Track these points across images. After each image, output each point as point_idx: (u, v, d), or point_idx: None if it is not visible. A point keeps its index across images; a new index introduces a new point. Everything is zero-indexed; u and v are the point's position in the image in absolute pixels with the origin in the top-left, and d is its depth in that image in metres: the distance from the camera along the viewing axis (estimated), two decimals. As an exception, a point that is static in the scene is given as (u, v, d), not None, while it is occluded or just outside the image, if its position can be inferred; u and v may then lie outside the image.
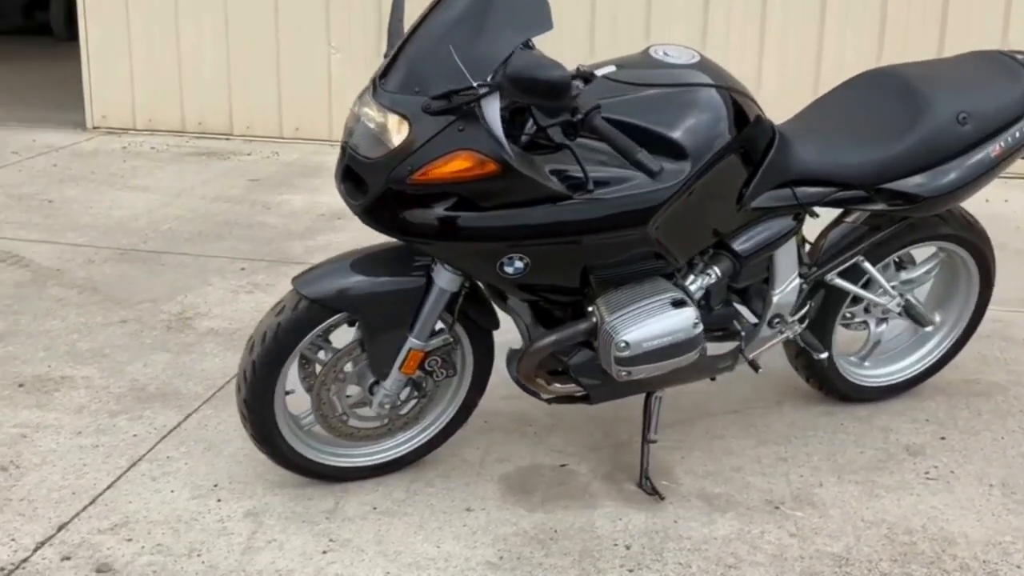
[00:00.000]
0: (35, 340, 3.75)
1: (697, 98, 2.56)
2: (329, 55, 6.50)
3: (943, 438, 3.14)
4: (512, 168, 2.29)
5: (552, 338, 2.65)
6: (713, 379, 3.03)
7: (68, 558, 2.53)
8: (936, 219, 3.06)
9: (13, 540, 2.60)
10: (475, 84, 2.21)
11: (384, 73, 2.44)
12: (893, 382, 3.33)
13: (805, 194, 2.80)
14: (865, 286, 3.12)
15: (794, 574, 2.52)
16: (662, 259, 2.63)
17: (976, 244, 3.16)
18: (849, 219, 3.00)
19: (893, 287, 3.15)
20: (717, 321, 2.86)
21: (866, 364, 3.32)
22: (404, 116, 2.34)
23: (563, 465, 2.97)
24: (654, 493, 2.80)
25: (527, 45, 2.45)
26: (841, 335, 3.28)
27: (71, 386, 3.41)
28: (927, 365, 3.35)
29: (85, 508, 2.73)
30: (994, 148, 2.89)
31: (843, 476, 2.93)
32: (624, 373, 2.59)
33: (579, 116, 2.29)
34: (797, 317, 2.96)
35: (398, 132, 2.34)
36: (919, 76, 2.94)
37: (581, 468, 2.96)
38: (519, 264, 2.48)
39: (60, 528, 2.65)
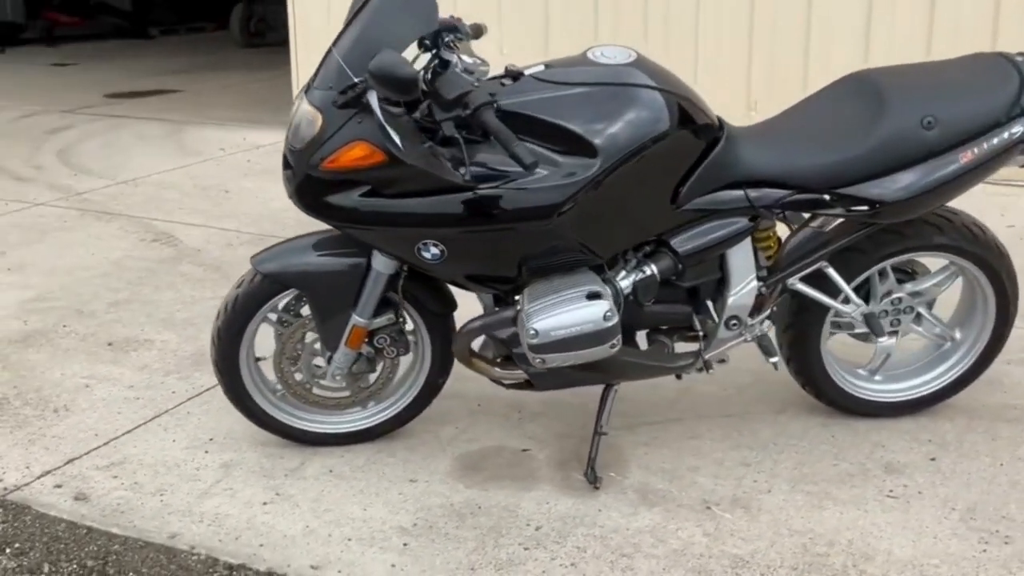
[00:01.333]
0: (144, 307, 4.24)
1: (613, 97, 2.61)
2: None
3: (934, 459, 2.99)
4: (398, 158, 2.46)
5: (478, 323, 2.78)
6: (679, 377, 3.04)
7: (60, 486, 2.93)
8: (929, 228, 2.93)
9: (27, 468, 3.02)
10: (356, 80, 2.41)
11: (315, 73, 2.67)
12: (903, 399, 3.19)
13: (758, 196, 2.78)
14: (865, 296, 3.05)
15: (683, 570, 2.52)
16: (590, 252, 2.70)
17: (984, 258, 2.99)
18: (814, 224, 2.92)
19: (899, 299, 3.04)
20: (662, 318, 2.88)
21: (876, 378, 3.20)
22: (319, 110, 2.56)
23: (525, 450, 3.08)
24: (594, 482, 2.86)
25: (450, 46, 2.61)
26: (842, 345, 3.21)
27: (148, 348, 3.85)
28: (941, 385, 3.19)
29: (97, 448, 3.13)
30: (964, 155, 2.74)
31: (798, 486, 2.87)
32: (539, 360, 2.69)
33: (468, 111, 2.43)
34: (759, 320, 2.92)
35: (314, 124, 2.56)
36: (895, 79, 2.84)
37: (541, 454, 3.05)
38: (435, 250, 2.64)
39: (68, 462, 3.05)
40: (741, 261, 2.84)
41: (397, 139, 2.43)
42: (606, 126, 2.57)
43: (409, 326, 2.97)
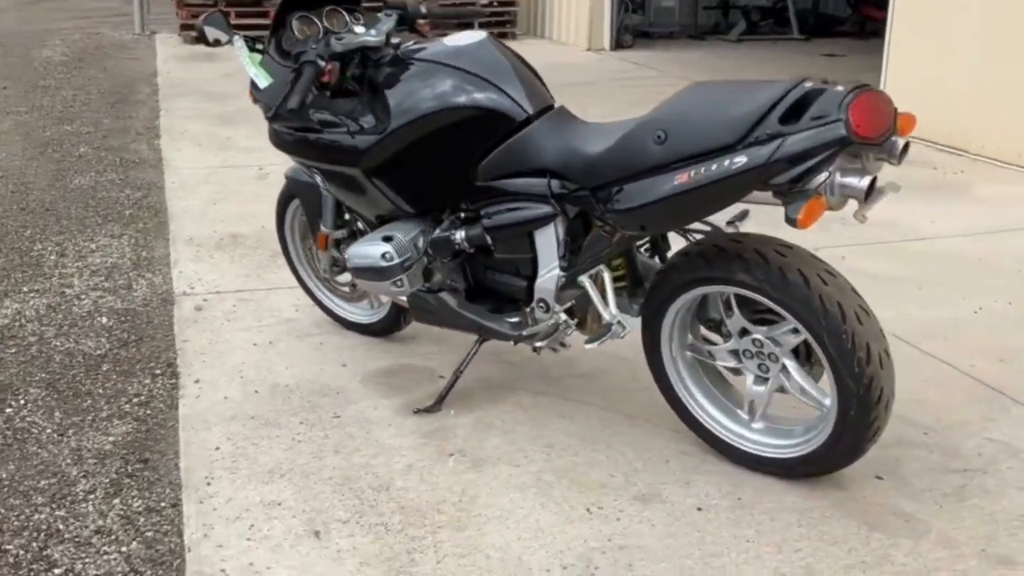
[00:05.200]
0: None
1: (424, 72, 2.94)
2: None
3: (700, 509, 2.76)
4: (255, 97, 3.18)
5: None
6: (536, 352, 3.19)
7: (206, 300, 4.18)
8: (736, 261, 2.63)
9: (216, 285, 4.34)
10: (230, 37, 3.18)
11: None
12: (767, 456, 2.86)
13: (557, 186, 2.85)
14: (712, 323, 2.89)
15: (337, 471, 2.89)
16: (400, 205, 3.10)
17: (795, 310, 2.59)
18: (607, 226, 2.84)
19: (759, 341, 2.79)
20: (500, 287, 3.08)
21: (755, 426, 2.92)
22: (262, 63, 3.36)
23: (441, 376, 3.47)
24: (421, 410, 3.24)
25: (356, 17, 3.21)
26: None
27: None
28: (798, 454, 2.80)
29: (259, 290, 4.31)
30: (680, 176, 2.49)
31: (542, 474, 2.89)
32: (357, 282, 3.20)
33: (297, 64, 3.05)
34: (563, 308, 2.97)
35: (263, 73, 3.38)
36: (692, 90, 2.63)
37: (444, 383, 3.44)
38: (319, 177, 3.30)
39: (235, 291, 4.30)
40: (545, 247, 2.93)
41: (257, 81, 3.15)
42: (405, 95, 2.94)
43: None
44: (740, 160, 2.40)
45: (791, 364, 2.75)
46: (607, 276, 2.86)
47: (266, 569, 2.48)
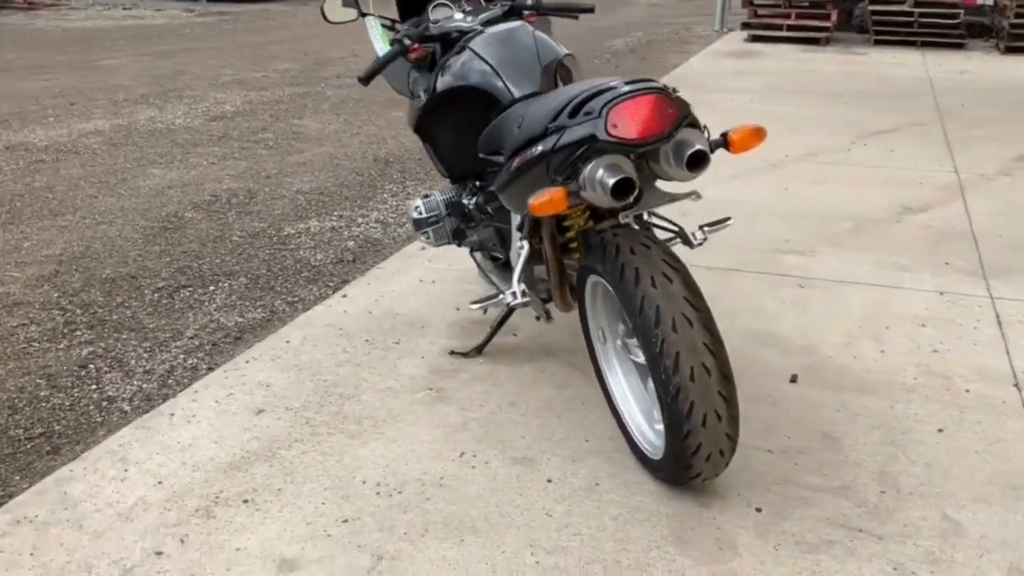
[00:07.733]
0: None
1: (455, 55, 3.33)
2: None
3: (550, 481, 2.89)
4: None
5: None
6: (546, 319, 3.43)
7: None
8: (596, 249, 2.70)
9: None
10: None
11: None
12: (650, 457, 2.89)
13: None
14: None
15: (332, 393, 3.48)
16: (441, 167, 3.52)
17: (624, 304, 2.60)
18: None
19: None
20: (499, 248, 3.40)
21: (657, 427, 2.96)
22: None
23: (515, 335, 3.84)
24: (456, 351, 3.67)
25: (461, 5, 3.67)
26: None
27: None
28: (651, 458, 2.81)
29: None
30: (516, 159, 2.65)
31: (470, 422, 3.17)
32: (416, 231, 3.71)
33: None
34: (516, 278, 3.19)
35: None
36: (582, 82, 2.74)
37: (513, 339, 3.79)
38: (425, 141, 3.83)
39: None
40: (514, 221, 3.20)
41: (378, 51, 3.74)
42: (440, 73, 3.37)
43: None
44: (538, 148, 2.52)
45: (668, 362, 2.72)
46: (524, 251, 3.04)
47: (194, 418, 3.15)
